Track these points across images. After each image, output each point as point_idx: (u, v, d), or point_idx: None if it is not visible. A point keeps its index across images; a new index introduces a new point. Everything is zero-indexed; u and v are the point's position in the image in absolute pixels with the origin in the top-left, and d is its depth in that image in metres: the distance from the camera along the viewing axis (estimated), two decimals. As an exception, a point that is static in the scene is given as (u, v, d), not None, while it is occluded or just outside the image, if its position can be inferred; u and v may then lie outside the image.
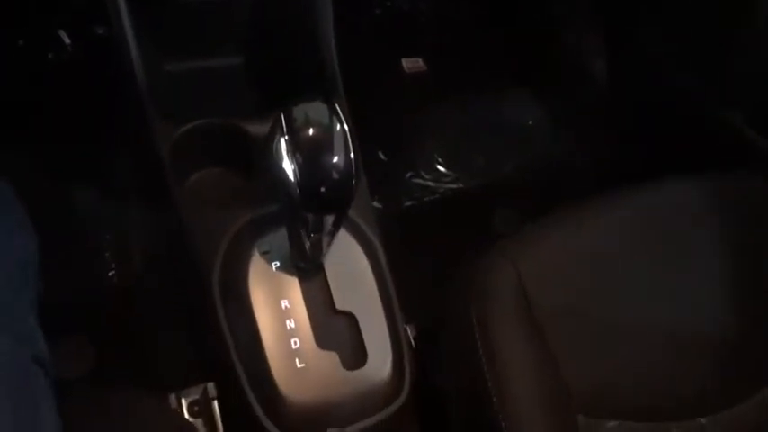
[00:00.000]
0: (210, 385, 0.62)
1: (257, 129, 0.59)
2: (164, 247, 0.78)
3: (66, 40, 0.97)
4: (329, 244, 0.47)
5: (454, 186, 1.05)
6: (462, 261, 0.59)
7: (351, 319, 0.51)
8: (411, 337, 0.70)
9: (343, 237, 0.54)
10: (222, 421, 0.61)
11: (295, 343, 0.49)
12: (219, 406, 0.62)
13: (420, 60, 1.16)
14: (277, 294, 0.50)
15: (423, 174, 1.06)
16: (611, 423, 0.51)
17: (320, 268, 0.52)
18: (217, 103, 0.64)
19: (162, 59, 0.64)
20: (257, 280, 0.50)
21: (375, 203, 0.97)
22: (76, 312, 0.79)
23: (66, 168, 0.89)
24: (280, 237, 0.52)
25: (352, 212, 0.58)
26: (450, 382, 0.52)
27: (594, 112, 1.13)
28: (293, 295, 0.51)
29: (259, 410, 0.47)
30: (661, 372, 0.53)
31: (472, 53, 1.15)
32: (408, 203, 1.02)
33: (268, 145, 0.41)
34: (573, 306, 0.51)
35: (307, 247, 0.46)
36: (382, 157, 1.05)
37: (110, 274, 0.83)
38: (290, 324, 0.50)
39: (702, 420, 0.55)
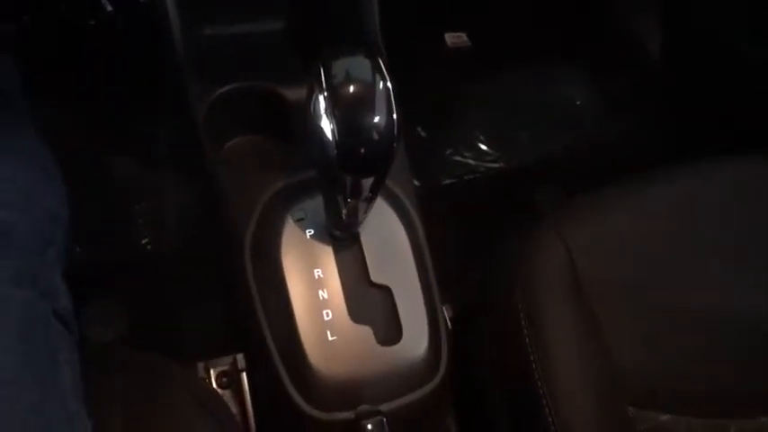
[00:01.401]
0: (240, 356, 0.61)
1: (295, 94, 0.57)
2: (198, 214, 0.77)
3: (108, 7, 0.96)
4: (366, 212, 0.45)
5: (496, 165, 1.01)
6: (504, 238, 0.56)
7: (386, 292, 0.49)
8: (447, 318, 0.67)
9: (381, 207, 0.51)
10: (250, 394, 0.60)
11: (327, 315, 0.47)
12: (248, 378, 0.60)
13: (464, 35, 1.12)
14: (310, 263, 0.48)
15: (463, 151, 1.02)
16: (664, 417, 0.47)
17: (356, 238, 0.49)
18: (255, 69, 0.62)
19: (201, 23, 0.63)
20: (290, 247, 0.48)
21: (414, 181, 0.94)
22: (108, 278, 0.79)
23: (105, 134, 0.89)
24: (315, 204, 0.49)
25: (391, 183, 0.55)
26: (490, 366, 0.49)
27: (646, 92, 1.07)
28: (327, 265, 0.48)
29: (287, 382, 0.45)
30: (723, 364, 0.49)
31: (518, 29, 1.09)
32: (448, 181, 0.99)
33: (306, 102, 0.39)
34: (628, 289, 0.47)
35: (343, 214, 0.43)
36: (422, 133, 1.02)
37: (143, 241, 0.83)
38: (323, 295, 0.47)
39: (765, 420, 0.50)
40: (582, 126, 1.07)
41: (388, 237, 0.51)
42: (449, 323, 0.66)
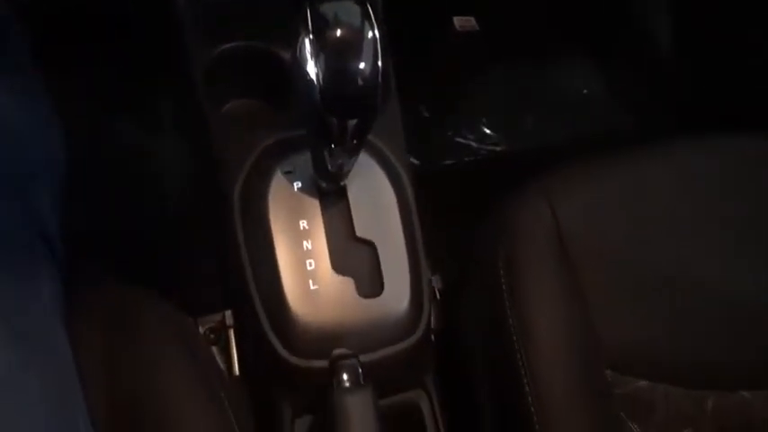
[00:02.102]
0: (228, 313, 0.62)
1: None
2: (199, 181, 0.78)
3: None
4: (352, 162, 0.45)
5: (498, 149, 1.01)
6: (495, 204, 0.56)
7: (370, 247, 0.49)
8: (437, 289, 0.67)
9: (370, 165, 0.52)
10: (237, 349, 0.61)
11: (310, 264, 0.47)
12: (235, 335, 0.61)
13: (472, 19, 1.12)
14: (296, 214, 0.48)
15: (466, 134, 1.02)
16: (642, 383, 0.47)
17: (343, 193, 0.50)
18: (255, 29, 0.63)
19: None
20: (277, 198, 0.49)
21: (412, 159, 0.94)
22: (106, 243, 0.80)
23: (107, 103, 0.90)
24: (304, 159, 0.50)
25: (380, 141, 0.56)
26: (474, 328, 0.49)
27: (655, 83, 1.06)
28: (313, 217, 0.49)
29: (268, 328, 0.46)
30: (706, 337, 0.49)
31: (527, 15, 1.09)
32: (448, 162, 0.99)
33: (293, 45, 0.39)
34: (613, 254, 0.47)
35: (328, 162, 0.44)
36: (425, 113, 1.02)
37: (145, 203, 0.84)
38: (307, 245, 0.48)
39: (746, 394, 0.50)
40: (588, 115, 1.06)
41: (375, 194, 0.51)
42: (438, 294, 0.66)
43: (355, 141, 0.42)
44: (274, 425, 0.49)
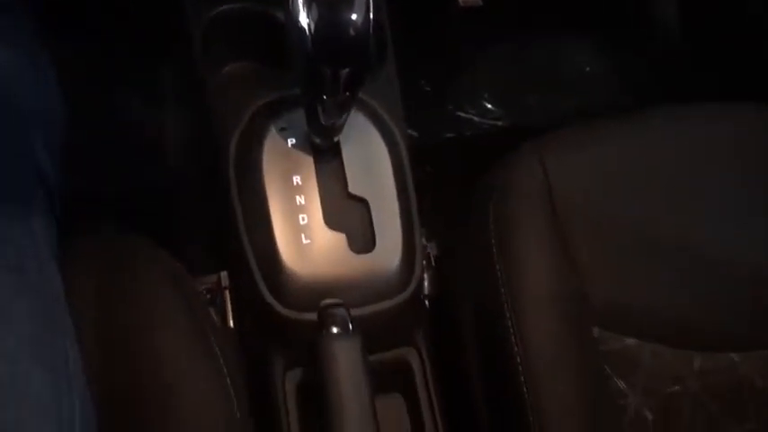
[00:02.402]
0: (224, 274, 0.63)
1: None
2: (196, 142, 0.79)
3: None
4: (345, 114, 0.45)
5: (499, 123, 1.01)
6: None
7: (363, 204, 0.50)
8: (432, 256, 0.68)
9: (365, 125, 0.52)
10: (232, 310, 0.61)
11: (303, 219, 0.48)
12: (231, 296, 0.62)
13: (476, -5, 1.12)
14: (290, 170, 0.49)
15: (467, 108, 1.02)
16: (630, 340, 0.48)
17: (337, 151, 0.50)
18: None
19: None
20: (271, 154, 0.49)
21: (411, 131, 0.94)
22: (107, 203, 0.81)
23: (108, 69, 0.91)
24: (299, 116, 0.50)
25: (377, 104, 0.56)
26: (463, 285, 0.49)
27: (660, 63, 1.06)
28: (306, 173, 0.49)
29: (260, 280, 0.47)
30: (693, 297, 0.49)
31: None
32: (449, 135, 0.99)
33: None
34: (602, 214, 0.47)
35: (321, 115, 0.44)
36: (426, 87, 1.02)
37: (144, 171, 0.85)
38: (300, 200, 0.48)
39: (734, 356, 0.50)
40: (589, 93, 1.06)
41: (369, 153, 0.51)
42: (433, 260, 0.67)
43: (348, 93, 0.42)
44: (266, 377, 0.50)
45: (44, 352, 0.33)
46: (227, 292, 0.62)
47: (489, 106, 1.02)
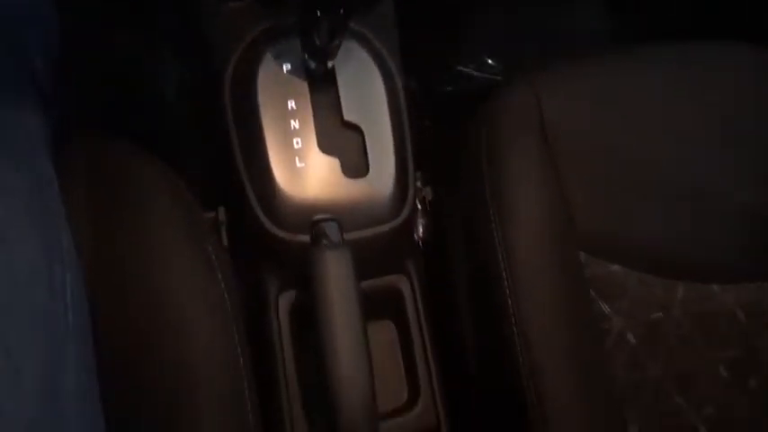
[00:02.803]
0: (221, 210, 0.64)
1: None
2: (194, 77, 0.79)
3: None
4: (340, 38, 0.46)
5: (498, 78, 1.01)
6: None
7: (357, 131, 0.50)
8: (428, 200, 0.69)
9: (361, 54, 0.52)
10: (229, 245, 0.62)
11: (297, 143, 0.49)
12: (227, 233, 0.63)
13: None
14: (285, 94, 0.49)
15: (467, 63, 1.02)
16: (616, 267, 0.49)
17: (332, 77, 0.51)
18: None
19: None
20: (266, 78, 0.50)
21: (411, 83, 0.94)
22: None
23: (109, 14, 0.91)
24: (294, 43, 0.51)
25: (372, 35, 0.56)
26: (453, 205, 0.50)
27: (665, 27, 1.05)
28: (301, 98, 0.50)
29: (253, 199, 0.48)
30: (680, 228, 0.50)
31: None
32: (447, 89, 0.99)
33: None
34: (593, 144, 0.48)
35: (316, 35, 0.45)
36: (425, 41, 1.01)
37: (144, 108, 0.85)
38: (295, 124, 0.49)
39: (715, 287, 0.51)
40: (591, 48, 1.05)
41: (364, 81, 0.52)
42: (428, 205, 0.68)
43: (342, 11, 0.43)
44: (260, 299, 0.51)
45: (37, 222, 0.33)
46: (223, 228, 0.63)
47: (489, 61, 1.01)
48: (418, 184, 0.60)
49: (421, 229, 0.67)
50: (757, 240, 0.51)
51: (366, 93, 0.52)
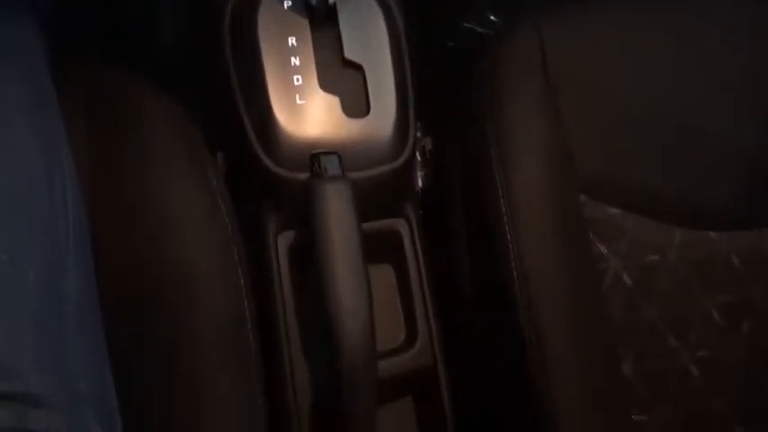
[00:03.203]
0: (220, 155, 0.63)
1: None
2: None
3: None
4: None
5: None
6: None
7: (358, 70, 0.50)
8: (427, 149, 0.68)
9: None
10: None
11: (297, 80, 0.48)
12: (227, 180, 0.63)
13: None
14: (285, 31, 0.49)
15: (470, 19, 1.00)
16: (614, 210, 0.49)
17: (334, 16, 0.50)
18: None
19: None
20: (267, 15, 0.49)
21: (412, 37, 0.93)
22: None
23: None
24: None
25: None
26: (452, 145, 0.50)
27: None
28: (302, 35, 0.49)
29: (252, 136, 0.47)
30: (680, 173, 0.50)
31: None
32: (449, 45, 0.98)
33: None
34: (595, 84, 0.48)
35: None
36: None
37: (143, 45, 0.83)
38: (295, 61, 0.49)
39: (712, 234, 0.52)
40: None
41: (366, 21, 0.51)
42: (428, 154, 0.68)
43: None
44: (259, 240, 0.51)
45: (39, 133, 0.33)
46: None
47: (492, 17, 1.00)
48: (418, 134, 0.60)
49: (420, 180, 0.67)
50: (756, 187, 0.52)
51: (367, 32, 0.51)
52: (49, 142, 0.33)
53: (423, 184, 0.66)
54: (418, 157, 0.62)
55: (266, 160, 0.48)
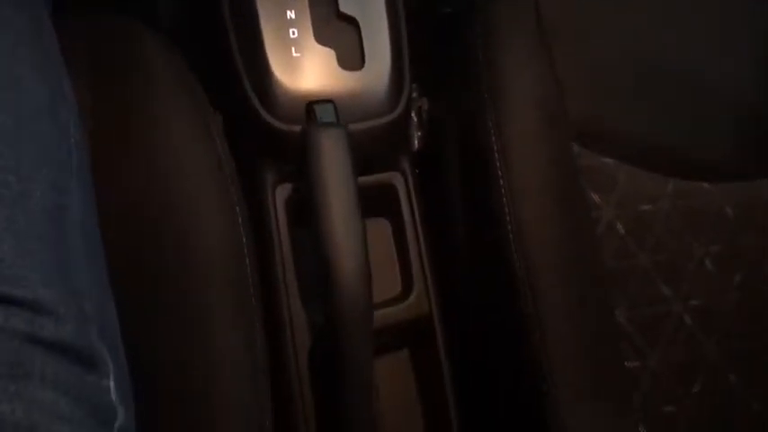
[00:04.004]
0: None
1: None
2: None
3: None
4: None
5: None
6: None
7: (353, 24, 0.50)
8: (423, 110, 0.69)
9: None
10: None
11: (293, 33, 0.49)
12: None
13: None
14: (280, -17, 0.49)
15: (466, -14, 1.00)
16: (607, 160, 0.49)
17: None
18: None
19: None
20: (262, -33, 0.49)
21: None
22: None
23: None
24: None
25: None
26: (447, 90, 0.50)
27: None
28: None
29: (249, 88, 0.48)
30: (673, 123, 0.51)
31: None
32: (446, 10, 0.98)
33: None
34: (588, 33, 0.48)
35: None
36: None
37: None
38: (291, 15, 0.49)
39: (705, 185, 0.52)
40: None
41: None
42: (424, 115, 0.68)
43: None
44: (256, 193, 0.52)
45: (41, 65, 0.33)
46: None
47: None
48: (415, 95, 0.60)
49: (417, 141, 0.68)
50: (751, 138, 0.52)
51: None
52: (52, 77, 0.34)
53: (419, 145, 0.67)
54: (414, 118, 0.63)
55: (263, 113, 0.48)
